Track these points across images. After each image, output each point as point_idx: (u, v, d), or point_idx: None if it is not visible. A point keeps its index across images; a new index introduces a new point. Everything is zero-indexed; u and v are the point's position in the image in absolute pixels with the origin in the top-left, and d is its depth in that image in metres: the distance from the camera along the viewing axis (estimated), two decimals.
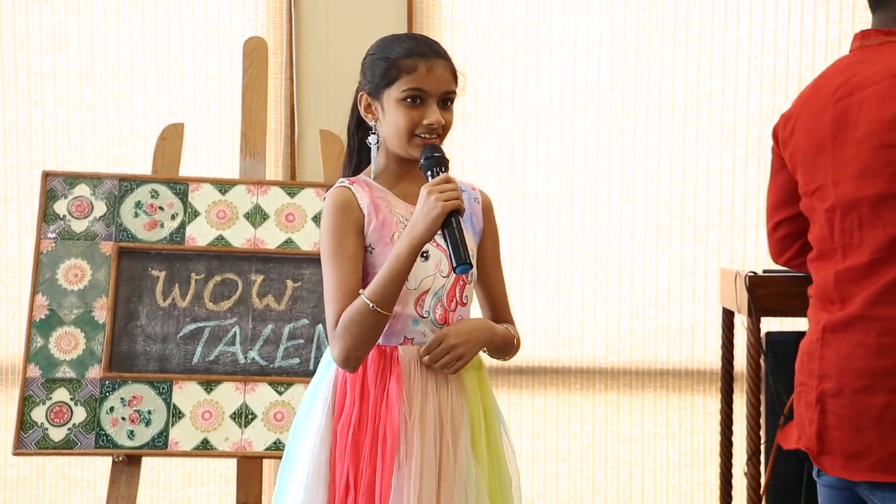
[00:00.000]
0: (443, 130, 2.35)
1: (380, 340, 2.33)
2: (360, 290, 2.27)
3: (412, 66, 2.32)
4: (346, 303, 2.27)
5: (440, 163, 2.30)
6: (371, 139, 2.39)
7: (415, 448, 2.27)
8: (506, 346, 2.47)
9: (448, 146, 2.44)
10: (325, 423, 2.33)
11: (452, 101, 2.37)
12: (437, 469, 2.28)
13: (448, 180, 2.26)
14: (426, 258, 2.34)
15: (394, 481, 2.26)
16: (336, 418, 2.33)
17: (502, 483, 2.39)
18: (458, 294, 2.38)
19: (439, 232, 2.26)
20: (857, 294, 2.52)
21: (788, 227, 2.82)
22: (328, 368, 2.38)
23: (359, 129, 2.45)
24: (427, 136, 2.33)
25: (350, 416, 2.31)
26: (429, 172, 2.30)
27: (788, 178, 2.75)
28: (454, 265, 2.24)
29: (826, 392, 2.55)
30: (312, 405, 2.37)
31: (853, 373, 2.51)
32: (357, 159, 2.45)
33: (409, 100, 2.32)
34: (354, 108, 2.45)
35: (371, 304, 2.23)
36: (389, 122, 2.34)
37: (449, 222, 2.24)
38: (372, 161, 2.40)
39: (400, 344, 2.34)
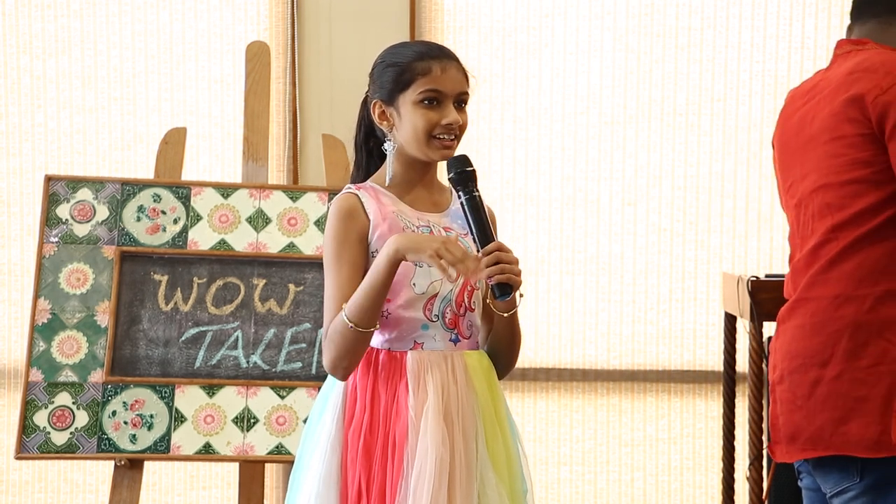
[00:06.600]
0: (459, 131, 2.36)
1: (389, 346, 2.33)
2: (344, 304, 2.27)
3: (426, 69, 2.33)
4: (339, 310, 2.28)
5: (470, 178, 2.29)
6: (387, 146, 2.38)
7: (426, 453, 2.26)
8: (517, 332, 2.44)
9: None
10: (336, 430, 2.32)
11: (466, 102, 2.38)
12: (448, 474, 2.27)
13: (466, 256, 2.22)
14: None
15: (405, 487, 2.25)
16: (347, 424, 2.32)
17: (516, 489, 2.38)
18: (466, 299, 2.38)
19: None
20: (801, 280, 2.55)
21: None
22: None
23: (367, 141, 2.44)
24: (445, 136, 2.33)
25: (361, 422, 2.31)
26: (459, 188, 2.29)
27: None
28: (497, 293, 2.24)
29: (774, 382, 2.58)
30: (323, 411, 2.37)
31: (791, 356, 2.53)
32: (365, 172, 2.44)
33: (426, 101, 2.33)
34: (361, 121, 2.44)
35: (350, 324, 2.24)
36: (406, 125, 2.34)
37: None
38: (387, 168, 2.39)
39: (410, 349, 2.33)
